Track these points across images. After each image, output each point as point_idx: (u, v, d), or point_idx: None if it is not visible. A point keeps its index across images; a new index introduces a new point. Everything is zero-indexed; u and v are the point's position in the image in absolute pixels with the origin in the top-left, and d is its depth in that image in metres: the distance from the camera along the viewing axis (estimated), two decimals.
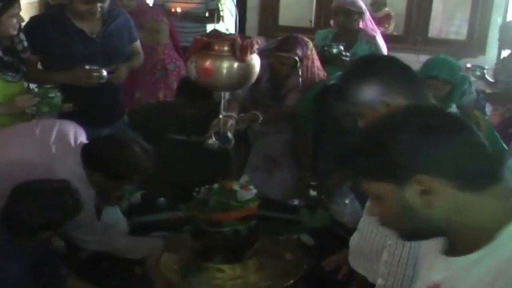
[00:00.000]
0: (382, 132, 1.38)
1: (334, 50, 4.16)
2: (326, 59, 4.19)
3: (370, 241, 2.20)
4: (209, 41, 2.69)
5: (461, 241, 1.34)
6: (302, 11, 7.31)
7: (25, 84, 3.34)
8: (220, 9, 6.27)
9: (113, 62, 3.56)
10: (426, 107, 1.56)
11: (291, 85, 3.86)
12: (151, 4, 6.04)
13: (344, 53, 4.22)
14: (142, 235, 3.15)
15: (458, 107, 4.02)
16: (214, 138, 3.33)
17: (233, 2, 5.37)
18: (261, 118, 3.74)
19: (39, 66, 3.59)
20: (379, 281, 2.05)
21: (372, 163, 1.36)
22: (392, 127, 1.36)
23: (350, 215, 3.44)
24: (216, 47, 2.68)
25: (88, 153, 2.77)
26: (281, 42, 3.79)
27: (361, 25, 4.43)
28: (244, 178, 3.09)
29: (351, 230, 3.19)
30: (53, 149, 2.72)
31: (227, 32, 5.38)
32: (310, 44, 3.84)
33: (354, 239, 2.36)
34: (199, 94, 3.64)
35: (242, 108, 3.79)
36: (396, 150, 1.31)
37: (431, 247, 1.45)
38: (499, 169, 1.36)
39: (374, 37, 4.32)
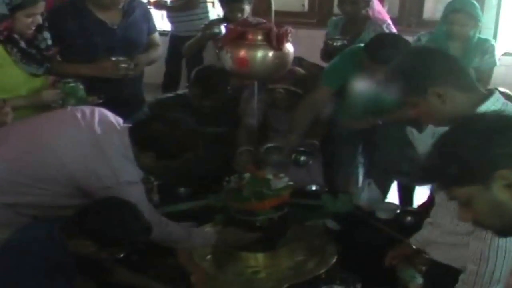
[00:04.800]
0: (452, 142, 1.53)
1: (339, 43, 4.13)
2: (330, 52, 4.19)
3: (452, 231, 2.21)
4: (243, 30, 2.68)
5: None
6: None
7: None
8: None
9: (132, 54, 3.51)
10: (483, 114, 1.73)
11: None
12: None
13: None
14: None
15: (477, 70, 4.08)
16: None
17: None
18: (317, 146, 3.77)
19: (58, 58, 3.53)
20: (471, 266, 2.06)
21: (456, 171, 1.48)
22: (459, 136, 1.52)
23: (367, 199, 3.45)
24: (250, 36, 2.67)
25: (138, 133, 2.70)
26: None
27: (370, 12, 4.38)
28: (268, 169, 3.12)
29: (372, 213, 3.30)
30: (98, 131, 2.65)
31: (217, 18, 5.42)
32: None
33: (431, 233, 2.40)
34: (214, 86, 3.65)
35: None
36: (471, 155, 1.46)
37: None
38: None
39: (381, 26, 4.29)
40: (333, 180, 3.94)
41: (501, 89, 3.74)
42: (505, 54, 4.78)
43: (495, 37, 5.86)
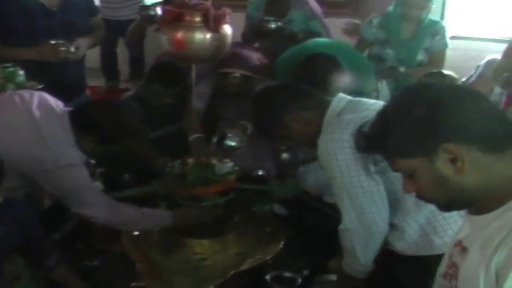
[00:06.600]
0: (396, 112, 1.47)
1: (273, 26, 4.06)
2: (264, 33, 4.13)
3: None
4: (180, 12, 2.63)
5: (487, 201, 1.41)
6: None
7: None
8: None
9: (73, 37, 3.38)
10: (431, 84, 1.62)
11: None
12: None
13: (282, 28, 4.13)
14: None
15: (429, 52, 4.11)
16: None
17: None
18: (249, 129, 3.43)
19: None
20: None
21: (399, 142, 1.44)
22: (404, 107, 1.45)
23: (314, 183, 3.42)
24: (188, 18, 2.63)
25: (78, 117, 2.65)
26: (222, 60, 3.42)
27: None
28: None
29: (319, 198, 3.27)
30: (37, 114, 2.60)
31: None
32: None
33: None
34: (175, 82, 3.52)
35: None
36: (415, 127, 1.41)
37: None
38: None
39: (307, 3, 4.27)
40: (280, 165, 3.89)
41: (446, 72, 3.78)
42: (452, 37, 4.80)
43: (442, 19, 5.90)
